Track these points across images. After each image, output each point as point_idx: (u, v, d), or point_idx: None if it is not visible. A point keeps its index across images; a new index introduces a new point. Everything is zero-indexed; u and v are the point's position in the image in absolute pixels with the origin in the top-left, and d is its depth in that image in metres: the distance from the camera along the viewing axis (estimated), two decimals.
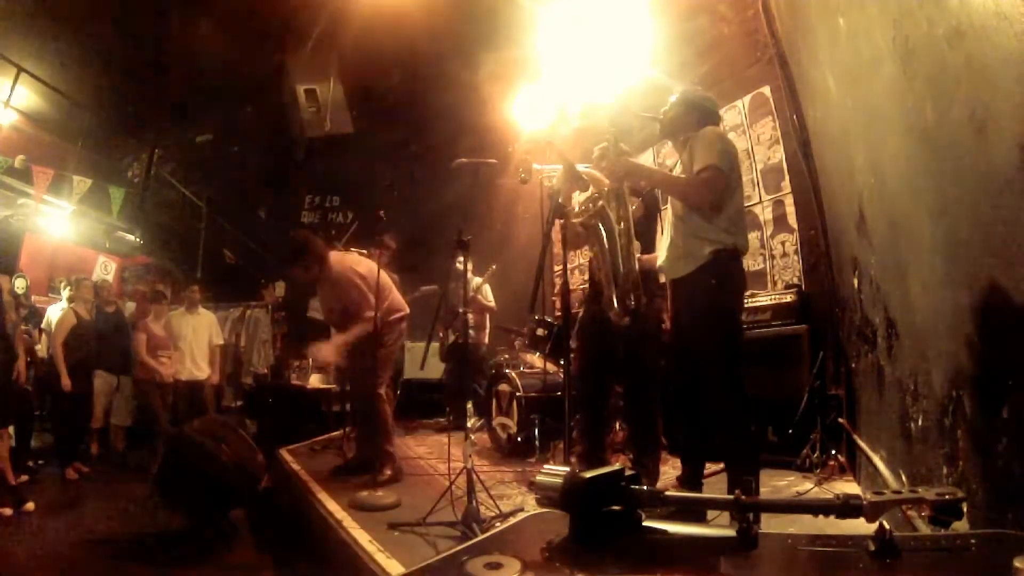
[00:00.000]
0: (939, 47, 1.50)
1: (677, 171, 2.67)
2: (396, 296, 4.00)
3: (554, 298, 6.52)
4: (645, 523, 0.76)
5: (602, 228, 2.49)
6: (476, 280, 5.76)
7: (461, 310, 4.56)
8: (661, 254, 2.66)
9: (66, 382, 5.19)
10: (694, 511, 1.64)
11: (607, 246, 2.49)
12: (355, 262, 3.83)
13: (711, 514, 1.74)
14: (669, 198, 2.67)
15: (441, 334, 5.76)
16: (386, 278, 3.98)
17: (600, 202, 2.50)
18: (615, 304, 2.47)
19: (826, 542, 0.69)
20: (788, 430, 3.50)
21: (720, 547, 0.71)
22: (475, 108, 7.08)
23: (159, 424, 5.40)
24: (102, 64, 9.14)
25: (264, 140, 10.24)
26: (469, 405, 3.21)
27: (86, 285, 5.80)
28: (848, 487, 3.08)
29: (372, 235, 4.02)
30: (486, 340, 6.17)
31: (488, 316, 6.13)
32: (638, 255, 2.63)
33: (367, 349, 3.66)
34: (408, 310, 4.04)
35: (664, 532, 0.74)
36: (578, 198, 2.98)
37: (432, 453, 4.74)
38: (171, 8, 8.08)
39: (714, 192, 2.42)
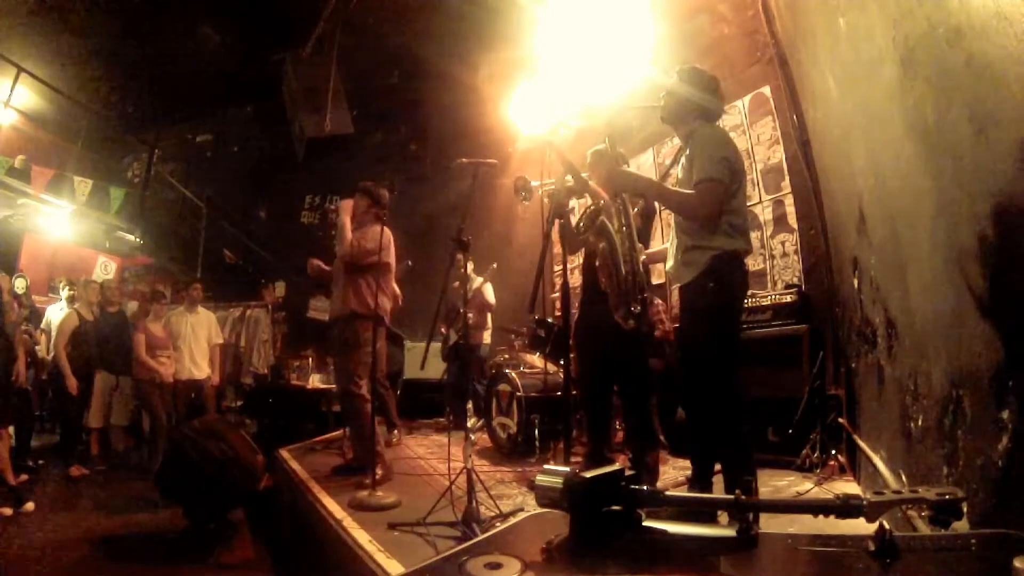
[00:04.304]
0: (939, 47, 1.50)
1: (682, 163, 2.64)
2: (385, 301, 4.01)
3: (554, 298, 6.51)
4: (645, 523, 0.76)
5: (605, 232, 2.49)
6: (477, 279, 5.76)
7: (462, 310, 4.54)
8: (668, 261, 2.67)
9: (72, 383, 5.20)
10: (703, 512, 1.64)
11: (610, 251, 2.49)
12: (391, 244, 3.99)
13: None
14: None
15: (444, 331, 5.74)
16: (393, 285, 4.08)
17: (600, 218, 2.49)
18: (621, 308, 2.47)
19: (826, 542, 0.68)
20: (788, 430, 3.50)
21: (720, 547, 0.71)
22: (475, 108, 7.08)
23: (159, 424, 5.40)
24: (102, 64, 9.14)
25: (264, 140, 10.23)
26: (469, 405, 3.21)
27: (92, 287, 5.81)
28: (848, 487, 3.08)
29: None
30: (487, 340, 6.16)
31: (489, 316, 6.13)
32: (642, 257, 2.63)
33: (343, 348, 3.77)
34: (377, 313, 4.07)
35: (664, 532, 0.74)
36: (575, 203, 2.98)
37: (432, 453, 4.74)
38: (171, 7, 8.08)
39: (711, 206, 2.39)
